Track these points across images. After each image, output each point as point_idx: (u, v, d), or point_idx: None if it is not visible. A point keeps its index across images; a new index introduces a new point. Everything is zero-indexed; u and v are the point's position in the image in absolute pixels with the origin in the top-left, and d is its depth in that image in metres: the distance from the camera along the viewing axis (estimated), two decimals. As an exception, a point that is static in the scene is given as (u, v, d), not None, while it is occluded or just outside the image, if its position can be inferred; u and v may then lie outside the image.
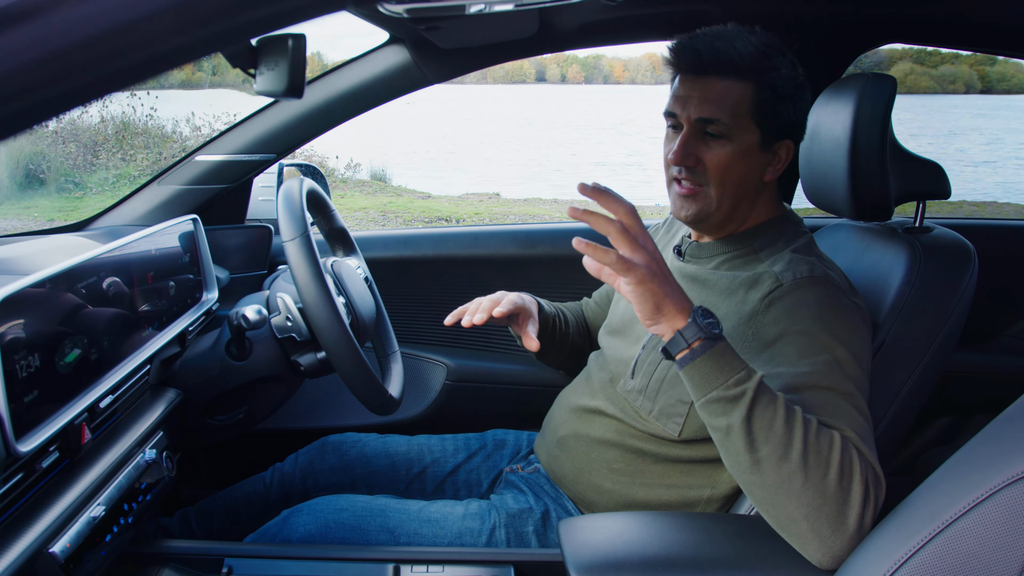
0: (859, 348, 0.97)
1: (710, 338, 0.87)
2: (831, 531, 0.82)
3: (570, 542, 0.91)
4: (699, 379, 0.88)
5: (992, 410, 0.76)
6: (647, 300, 0.87)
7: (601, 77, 57.84)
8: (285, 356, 1.26)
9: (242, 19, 0.50)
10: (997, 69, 33.42)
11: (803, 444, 0.82)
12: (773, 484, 0.83)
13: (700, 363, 0.87)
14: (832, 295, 1.00)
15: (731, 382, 0.86)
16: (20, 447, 0.79)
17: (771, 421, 0.83)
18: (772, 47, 1.06)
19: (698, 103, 1.05)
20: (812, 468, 0.82)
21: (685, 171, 1.07)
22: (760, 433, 0.84)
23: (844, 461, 0.83)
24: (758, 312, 1.00)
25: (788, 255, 1.06)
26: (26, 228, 4.56)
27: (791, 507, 0.83)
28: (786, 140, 1.09)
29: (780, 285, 1.01)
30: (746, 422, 0.84)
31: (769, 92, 1.05)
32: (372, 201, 7.81)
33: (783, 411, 0.84)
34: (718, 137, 1.05)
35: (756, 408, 0.84)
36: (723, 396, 0.85)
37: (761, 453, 0.84)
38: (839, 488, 0.82)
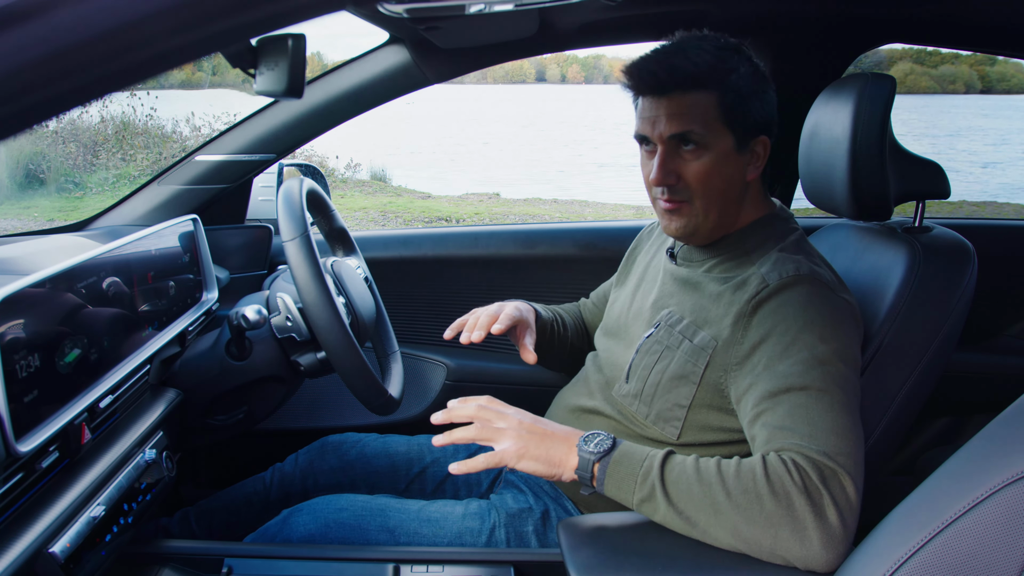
0: (843, 344, 0.97)
1: (602, 456, 0.93)
2: (799, 547, 0.83)
3: (570, 542, 0.91)
4: (619, 494, 0.92)
5: (992, 410, 0.76)
6: (537, 465, 0.95)
7: (601, 77, 57.81)
8: (285, 356, 1.26)
9: (242, 19, 0.50)
10: (997, 69, 33.41)
11: (726, 493, 0.86)
12: (728, 539, 0.87)
13: (609, 482, 0.92)
14: (818, 292, 1.00)
15: (639, 480, 0.91)
16: (20, 447, 0.79)
17: (688, 491, 0.88)
18: (726, 49, 1.06)
19: (667, 120, 1.04)
20: (746, 508, 0.85)
21: (667, 191, 1.07)
22: (687, 507, 0.88)
23: (773, 484, 0.85)
24: (745, 314, 1.01)
25: (776, 255, 1.06)
26: (26, 228, 4.56)
27: (755, 546, 0.86)
28: (760, 136, 1.09)
29: (766, 286, 1.01)
30: (671, 506, 0.88)
31: (733, 95, 1.04)
32: (372, 201, 7.81)
33: (695, 475, 0.88)
34: (694, 148, 1.05)
35: (669, 489, 0.89)
36: (642, 497, 0.90)
37: (701, 523, 0.87)
38: (780, 510, 0.84)
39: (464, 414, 1.00)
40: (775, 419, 0.91)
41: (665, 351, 1.09)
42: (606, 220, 1.41)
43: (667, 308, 1.13)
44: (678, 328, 1.08)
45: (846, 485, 0.85)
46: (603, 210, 7.98)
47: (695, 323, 1.07)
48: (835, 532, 0.83)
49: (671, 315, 1.11)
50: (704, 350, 1.03)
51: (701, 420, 1.05)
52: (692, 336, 1.06)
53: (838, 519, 0.83)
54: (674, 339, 1.08)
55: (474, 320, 1.21)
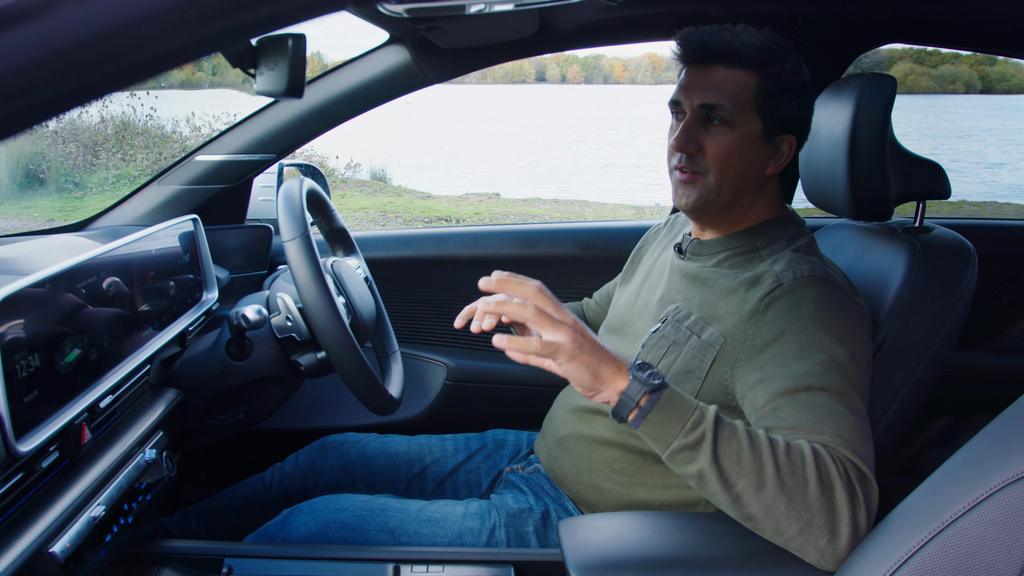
0: (857, 347, 0.97)
1: (654, 390, 0.87)
2: (827, 540, 0.82)
3: (570, 542, 0.91)
4: (657, 434, 0.87)
5: (992, 410, 0.76)
6: (582, 373, 0.87)
7: (601, 77, 57.83)
8: (285, 356, 1.26)
9: (242, 19, 0.50)
10: (997, 69, 33.42)
11: (775, 468, 0.83)
12: (759, 513, 0.84)
13: (652, 418, 0.87)
14: (832, 294, 1.00)
15: (687, 427, 0.86)
16: (20, 447, 0.79)
17: (738, 454, 0.84)
18: (779, 44, 1.08)
19: (702, 90, 1.06)
20: (791, 488, 0.83)
21: (686, 158, 1.08)
22: (731, 470, 0.84)
23: (820, 472, 0.83)
24: (758, 311, 1.01)
25: (789, 254, 1.06)
26: (26, 228, 4.56)
27: (782, 528, 0.84)
28: (789, 135, 1.09)
29: (780, 284, 1.01)
30: (714, 463, 0.84)
31: (772, 83, 1.06)
32: (372, 201, 7.81)
33: (747, 441, 0.85)
34: (720, 123, 1.06)
35: (719, 446, 0.85)
36: (685, 444, 0.86)
37: (738, 488, 0.84)
38: (822, 499, 0.82)
39: (521, 292, 0.89)
40: (796, 415, 0.90)
41: (672, 346, 1.09)
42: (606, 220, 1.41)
43: (674, 303, 1.13)
44: (686, 324, 1.08)
45: (873, 491, 0.85)
46: (603, 210, 7.99)
47: (703, 319, 1.07)
48: (861, 533, 0.83)
49: (678, 310, 1.11)
50: (712, 346, 1.03)
51: None
52: (700, 332, 1.06)
53: (866, 521, 0.83)
54: (681, 334, 1.08)
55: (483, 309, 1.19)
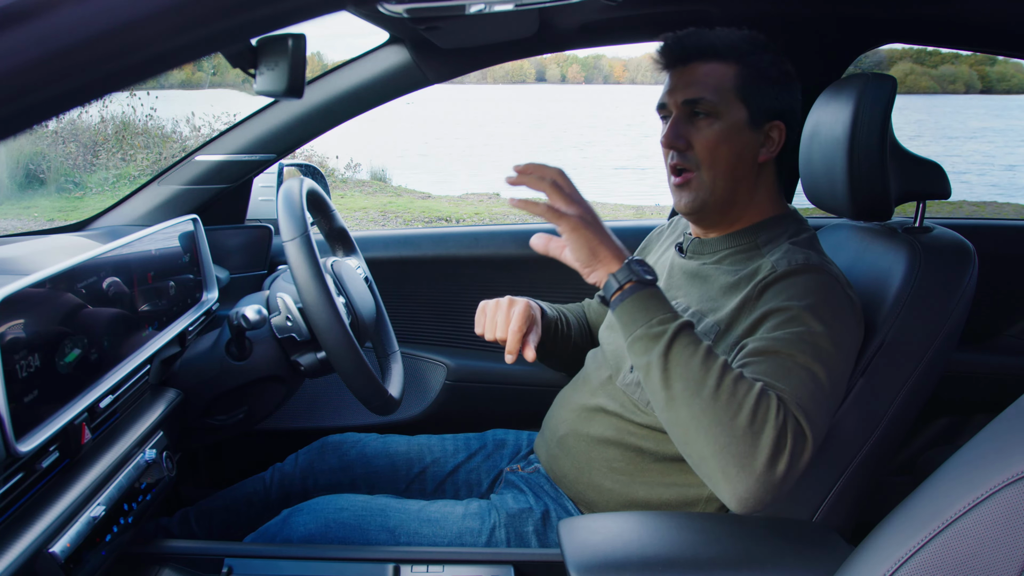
0: (839, 330, 0.98)
1: (641, 283, 0.94)
2: (736, 471, 0.84)
3: (570, 542, 0.91)
4: (627, 319, 0.94)
5: (992, 410, 0.76)
6: (582, 246, 0.95)
7: (601, 77, 57.83)
8: (285, 356, 1.26)
9: (242, 19, 0.50)
10: (997, 69, 33.41)
11: (716, 384, 0.87)
12: (685, 420, 0.87)
13: (629, 304, 0.93)
14: (825, 282, 1.01)
15: (655, 321, 0.92)
16: (20, 447, 0.79)
17: (688, 360, 0.89)
18: (756, 38, 1.11)
19: (684, 87, 1.09)
20: (722, 408, 0.86)
21: (677, 156, 1.10)
22: (675, 370, 0.89)
23: (759, 407, 0.85)
24: (752, 298, 1.02)
25: (787, 246, 1.07)
26: (26, 228, 4.56)
27: (701, 444, 0.86)
28: (777, 122, 1.10)
29: (774, 271, 1.02)
30: (662, 358, 0.89)
31: (753, 71, 1.08)
32: (372, 201, 7.81)
33: (702, 353, 0.89)
34: (706, 116, 1.08)
35: (675, 346, 0.90)
36: (646, 334, 0.91)
37: (675, 389, 0.88)
38: (748, 431, 0.84)
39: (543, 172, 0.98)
40: (759, 370, 0.92)
41: None
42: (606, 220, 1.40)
43: (674, 299, 1.13)
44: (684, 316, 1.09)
45: (806, 450, 0.87)
46: (603, 210, 7.97)
47: (700, 311, 1.07)
48: (773, 481, 0.84)
49: (677, 304, 1.12)
50: (707, 336, 1.04)
51: None
52: (697, 323, 1.06)
53: (783, 474, 0.85)
54: None
55: (492, 320, 1.19)
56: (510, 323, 1.17)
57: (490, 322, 1.20)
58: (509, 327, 1.17)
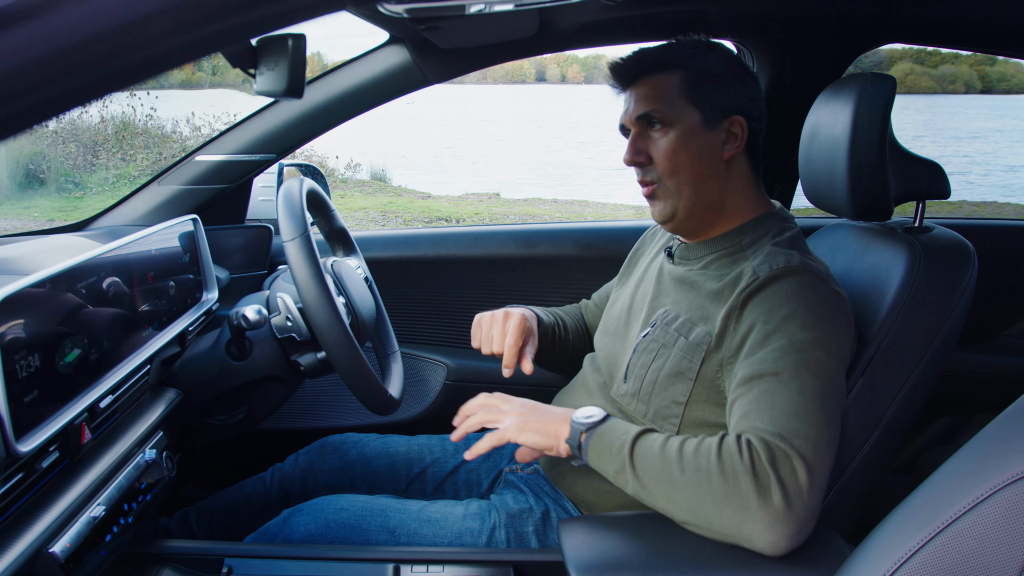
0: (827, 332, 0.97)
1: (590, 428, 0.99)
2: (742, 524, 0.86)
3: (570, 542, 0.91)
4: (599, 465, 0.98)
5: (992, 410, 0.76)
6: (538, 437, 1.02)
7: (601, 77, 57.62)
8: (285, 356, 1.26)
9: (242, 19, 0.50)
10: (997, 69, 33.39)
11: (679, 466, 0.90)
12: (682, 513, 0.91)
13: (591, 454, 0.98)
14: (806, 283, 1.00)
15: (614, 454, 0.96)
16: (20, 447, 0.79)
17: (650, 461, 0.93)
18: (699, 44, 1.13)
19: (635, 104, 1.12)
20: (694, 483, 0.89)
21: (641, 171, 1.13)
22: (651, 483, 0.92)
23: (723, 464, 0.88)
24: (736, 308, 1.02)
25: (768, 247, 1.07)
26: (26, 228, 4.56)
27: (707, 522, 0.89)
28: (736, 116, 1.11)
29: (756, 279, 1.02)
30: (637, 481, 0.93)
31: (698, 73, 1.10)
32: (372, 201, 7.81)
33: (659, 452, 0.93)
34: (660, 127, 1.10)
35: (636, 464, 0.94)
36: (616, 470, 0.95)
37: (660, 497, 0.92)
38: (725, 487, 0.87)
39: (471, 404, 1.11)
40: (744, 404, 0.94)
41: (661, 349, 1.09)
42: (606, 220, 1.41)
43: (663, 307, 1.13)
44: (673, 326, 1.09)
45: (797, 468, 0.86)
46: (603, 210, 7.98)
47: (690, 320, 1.07)
48: (779, 514, 0.84)
49: (667, 313, 1.11)
50: (700, 346, 1.04)
51: (698, 416, 1.05)
52: (687, 333, 1.06)
53: (783, 502, 0.84)
54: (670, 337, 1.08)
55: (488, 335, 1.21)
56: (506, 337, 1.17)
57: (486, 336, 1.20)
58: (505, 341, 1.17)
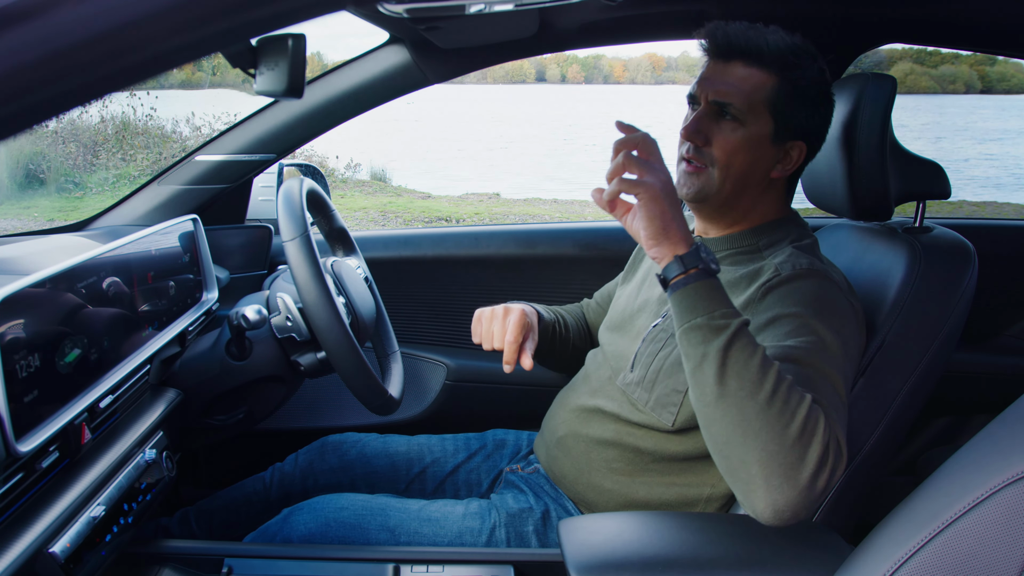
0: (848, 339, 0.97)
1: (707, 271, 0.89)
2: (780, 481, 0.80)
3: (570, 542, 0.91)
4: (687, 304, 0.88)
5: (992, 410, 0.76)
6: (656, 218, 0.89)
7: (601, 77, 57.79)
8: (285, 356, 1.26)
9: (242, 19, 0.50)
10: (997, 69, 33.38)
11: (773, 389, 0.82)
12: (734, 421, 0.82)
13: (692, 290, 0.88)
14: (829, 288, 1.00)
15: (717, 314, 0.86)
16: (20, 447, 0.79)
17: (747, 360, 0.83)
18: (804, 50, 1.08)
19: (718, 85, 1.07)
20: (776, 415, 0.81)
21: (693, 149, 1.09)
22: (733, 368, 0.83)
23: (809, 419, 0.82)
24: (755, 300, 1.01)
25: (790, 250, 1.07)
26: (26, 228, 4.56)
27: (746, 449, 0.82)
28: (799, 141, 1.09)
29: (779, 275, 1.01)
30: (722, 352, 0.84)
31: (790, 87, 1.06)
32: (372, 201, 7.81)
33: (760, 356, 0.84)
34: (732, 120, 1.06)
35: (736, 343, 0.84)
36: (707, 324, 0.86)
37: (729, 387, 0.83)
38: (798, 442, 0.81)
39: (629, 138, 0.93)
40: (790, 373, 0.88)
41: (670, 338, 1.09)
42: (606, 220, 1.40)
43: None
44: None
45: (841, 467, 0.85)
46: (603, 210, 7.96)
47: None
48: (813, 495, 0.81)
49: None
50: None
51: None
52: None
53: (823, 488, 0.82)
54: None
55: (488, 331, 1.19)
56: (506, 333, 1.17)
57: (486, 332, 1.20)
58: (505, 337, 1.17)
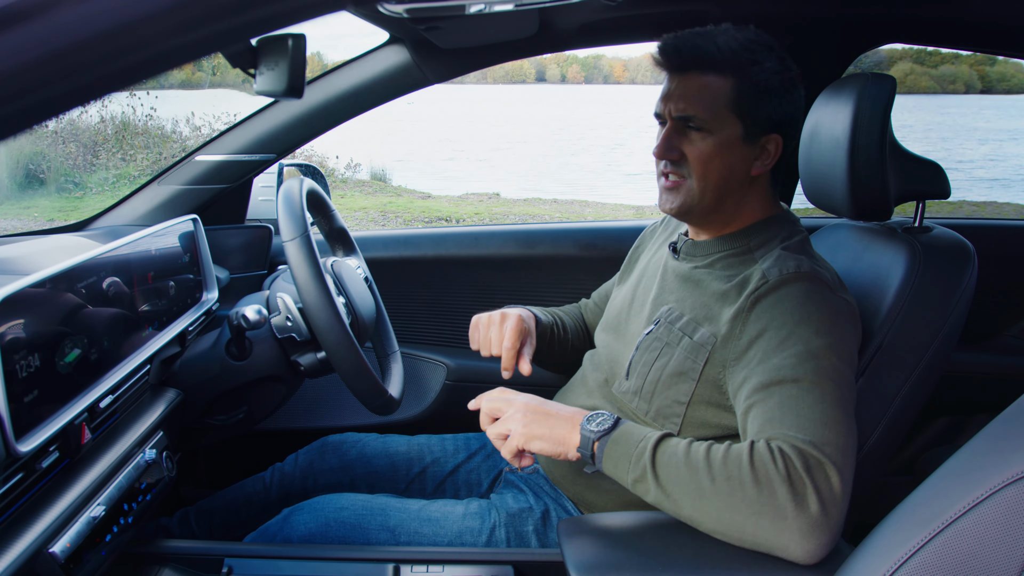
0: (838, 339, 0.97)
1: (603, 435, 0.95)
2: (779, 534, 0.84)
3: (570, 542, 0.91)
4: (615, 473, 0.94)
5: (992, 410, 0.76)
6: (544, 443, 0.98)
7: (601, 77, 57.76)
8: (285, 356, 1.26)
9: (242, 19, 0.50)
10: (997, 69, 33.36)
11: (711, 479, 0.87)
12: (712, 522, 0.88)
13: (606, 462, 0.94)
14: (817, 290, 1.00)
15: (632, 461, 0.92)
16: (20, 447, 0.79)
17: (676, 475, 0.89)
18: (758, 43, 1.07)
19: (677, 99, 1.07)
20: (726, 493, 0.86)
21: (669, 164, 1.10)
22: (675, 491, 0.89)
23: (757, 472, 0.85)
24: (744, 310, 1.01)
25: (778, 251, 1.06)
26: (26, 228, 4.56)
27: (739, 532, 0.86)
28: (773, 134, 1.09)
29: (766, 282, 1.01)
30: (660, 489, 0.90)
31: (750, 86, 1.06)
32: (372, 201, 7.81)
33: (684, 459, 0.89)
34: (699, 130, 1.07)
35: (659, 472, 0.90)
36: (635, 478, 0.92)
37: (685, 506, 0.89)
38: (760, 497, 0.84)
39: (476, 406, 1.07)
40: (766, 410, 0.92)
41: (665, 348, 1.09)
42: (606, 220, 1.42)
43: (667, 304, 1.13)
44: (678, 325, 1.08)
45: (831, 475, 0.85)
46: (603, 210, 7.98)
47: (695, 320, 1.07)
48: (816, 522, 0.83)
49: (671, 311, 1.11)
50: (704, 347, 1.03)
51: (700, 417, 1.05)
52: (692, 333, 1.06)
53: (819, 509, 0.83)
54: (674, 336, 1.08)
55: (485, 337, 1.20)
56: (503, 339, 1.17)
57: (483, 339, 1.20)
58: (502, 344, 1.17)
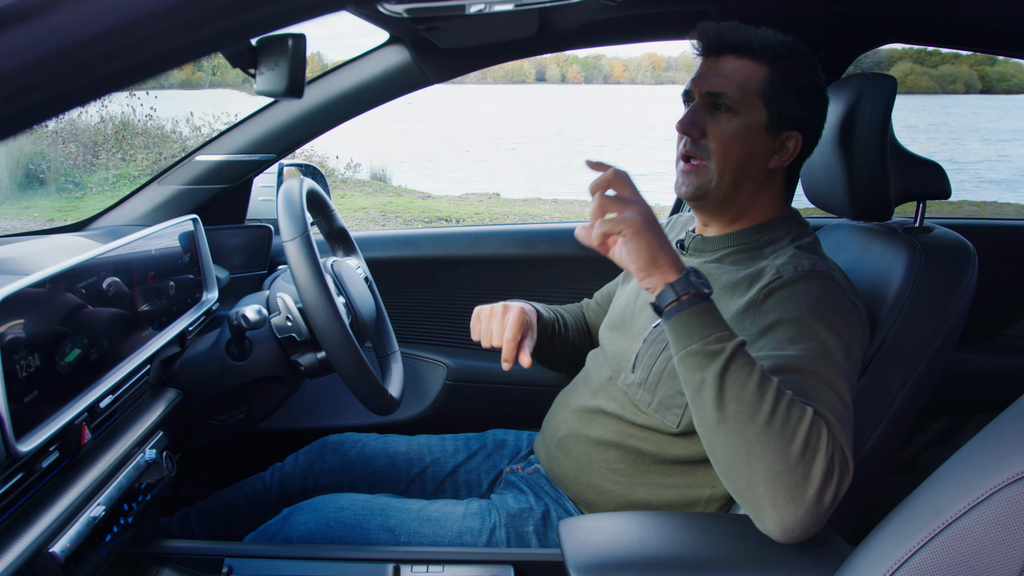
0: (851, 341, 0.97)
1: (699, 295, 0.90)
2: (786, 501, 0.82)
3: (570, 542, 0.91)
4: (681, 331, 0.89)
5: (992, 410, 0.76)
6: (643, 251, 0.90)
7: (601, 77, 57.77)
8: (285, 356, 1.26)
9: (242, 19, 0.50)
10: (997, 69, 33.37)
11: (771, 409, 0.83)
12: (736, 444, 0.84)
13: (685, 316, 0.89)
14: (831, 289, 1.00)
15: (712, 338, 0.87)
16: (20, 447, 0.79)
17: (744, 382, 0.84)
18: (795, 45, 1.10)
19: (710, 78, 1.09)
20: (777, 434, 0.82)
21: (690, 143, 1.10)
22: (731, 391, 0.84)
23: (811, 435, 0.82)
24: (756, 302, 1.01)
25: (791, 250, 1.07)
26: (26, 228, 4.56)
27: (751, 471, 0.83)
28: (795, 132, 1.10)
29: (780, 276, 1.01)
30: (719, 377, 0.85)
31: (781, 76, 1.07)
32: (372, 201, 7.81)
33: (758, 376, 0.85)
34: (726, 111, 1.08)
35: (732, 366, 0.85)
36: (702, 350, 0.87)
37: (728, 411, 0.84)
38: (801, 459, 0.82)
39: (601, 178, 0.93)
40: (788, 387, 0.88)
41: None
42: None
43: None
44: None
45: (847, 479, 0.85)
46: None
47: None
48: (821, 511, 0.82)
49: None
50: None
51: None
52: None
53: (830, 503, 0.83)
54: None
55: (487, 328, 1.19)
56: (504, 331, 1.17)
57: (485, 330, 1.20)
58: (503, 335, 1.17)
